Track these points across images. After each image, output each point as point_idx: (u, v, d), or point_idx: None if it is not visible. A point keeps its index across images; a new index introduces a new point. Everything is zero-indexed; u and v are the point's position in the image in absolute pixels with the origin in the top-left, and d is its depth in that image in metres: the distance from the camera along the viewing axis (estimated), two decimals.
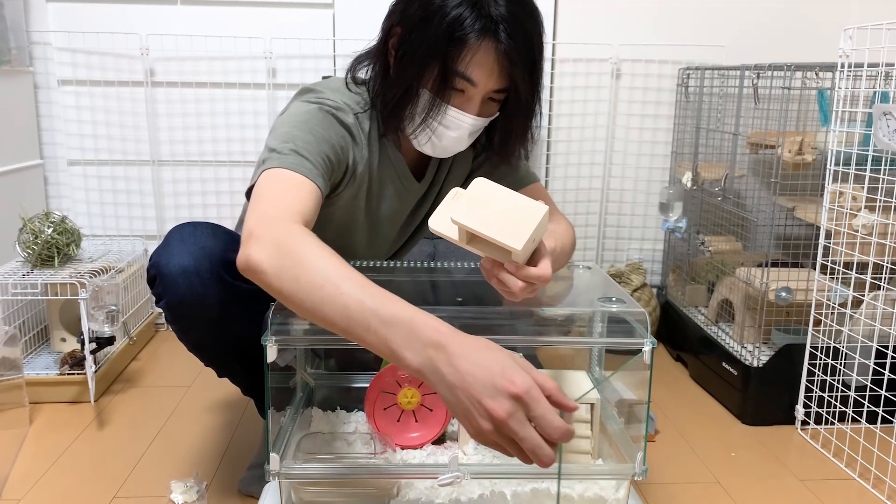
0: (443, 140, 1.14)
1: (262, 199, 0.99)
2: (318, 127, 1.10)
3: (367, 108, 1.19)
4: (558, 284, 1.27)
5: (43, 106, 2.21)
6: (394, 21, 1.11)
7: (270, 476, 1.00)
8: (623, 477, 1.07)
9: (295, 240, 0.90)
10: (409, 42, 1.08)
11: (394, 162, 1.23)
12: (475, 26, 1.03)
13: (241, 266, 0.92)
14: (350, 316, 0.82)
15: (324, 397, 1.32)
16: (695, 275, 2.18)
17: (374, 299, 0.82)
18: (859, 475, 1.50)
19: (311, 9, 2.19)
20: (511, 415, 0.74)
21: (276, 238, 0.90)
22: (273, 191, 1.00)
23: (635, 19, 2.25)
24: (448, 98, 1.09)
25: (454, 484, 1.02)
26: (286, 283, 0.87)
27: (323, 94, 1.15)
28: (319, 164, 1.06)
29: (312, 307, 0.85)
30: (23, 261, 1.88)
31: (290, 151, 1.04)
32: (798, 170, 1.76)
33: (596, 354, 1.30)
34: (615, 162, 2.35)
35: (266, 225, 0.93)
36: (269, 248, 0.89)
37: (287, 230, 0.92)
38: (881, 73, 1.58)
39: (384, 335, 0.80)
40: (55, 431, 1.63)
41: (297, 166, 1.03)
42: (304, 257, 0.88)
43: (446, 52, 1.04)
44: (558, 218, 1.32)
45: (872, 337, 1.54)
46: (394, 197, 1.26)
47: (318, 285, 0.85)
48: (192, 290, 1.11)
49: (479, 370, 0.75)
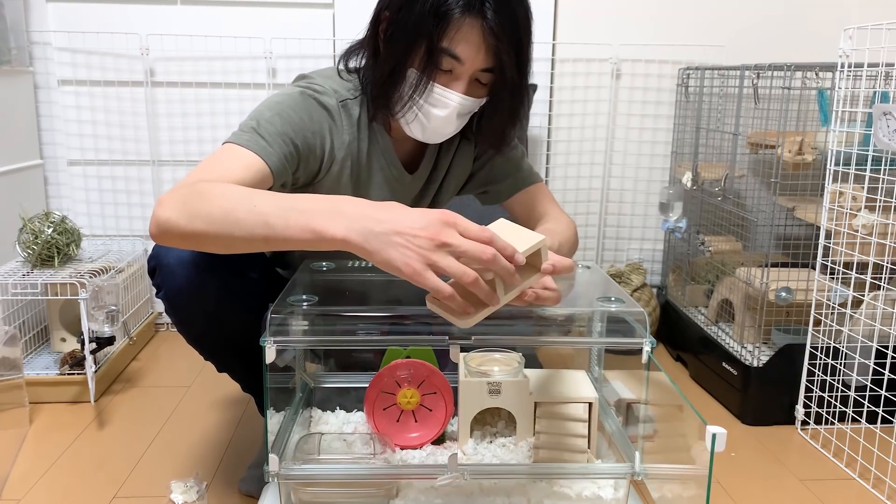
0: (431, 120, 1.13)
1: (195, 170, 1.00)
2: (289, 110, 1.10)
3: (357, 95, 1.19)
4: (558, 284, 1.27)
5: (43, 106, 2.21)
6: (382, 6, 1.13)
7: (269, 477, 1.00)
8: (622, 476, 1.07)
9: (199, 186, 0.92)
10: (395, 23, 1.09)
11: (383, 150, 1.22)
12: (459, 3, 1.03)
13: (153, 231, 0.93)
14: (268, 221, 0.85)
15: (323, 398, 1.32)
16: (695, 275, 2.18)
17: (286, 199, 0.87)
18: (859, 475, 1.50)
19: (311, 9, 2.19)
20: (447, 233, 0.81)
21: (180, 194, 0.92)
22: (209, 163, 1.01)
23: (635, 19, 2.25)
24: (435, 76, 1.09)
25: (453, 484, 1.02)
26: (201, 220, 0.89)
27: (313, 80, 1.17)
28: (277, 143, 1.06)
29: (231, 231, 0.87)
30: (23, 261, 1.88)
31: (249, 129, 1.05)
32: (798, 170, 1.76)
33: (595, 354, 1.30)
34: (615, 162, 2.35)
35: (174, 190, 0.94)
36: (175, 203, 0.91)
37: (193, 185, 0.93)
38: (881, 73, 1.58)
39: (306, 222, 0.84)
40: (55, 431, 1.63)
41: (247, 142, 1.03)
42: (210, 194, 0.90)
43: (432, 29, 1.05)
44: (559, 217, 1.32)
45: (872, 337, 1.54)
46: (383, 185, 1.25)
47: (231, 208, 0.88)
48: (190, 281, 1.13)
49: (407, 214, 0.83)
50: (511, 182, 1.34)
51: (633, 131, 2.33)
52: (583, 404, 1.14)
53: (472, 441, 1.17)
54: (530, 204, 1.34)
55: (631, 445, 1.08)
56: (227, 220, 0.87)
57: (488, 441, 1.17)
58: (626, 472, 1.06)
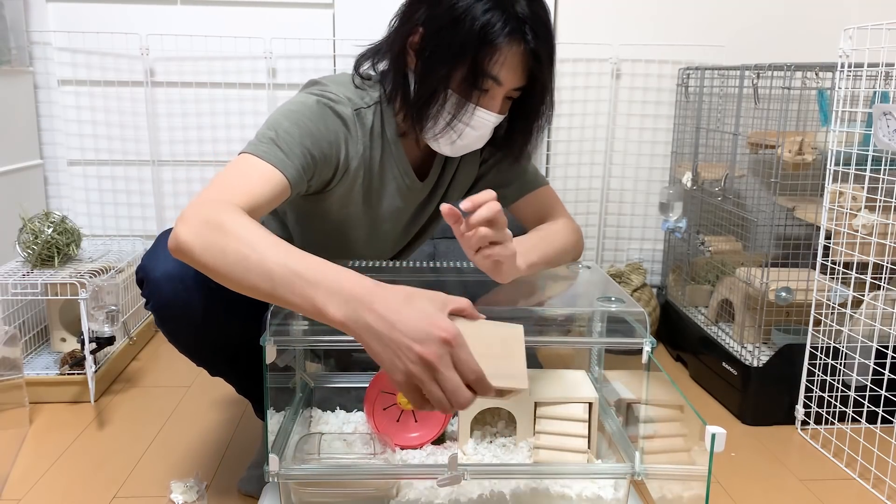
0: (465, 139, 1.14)
1: (214, 182, 0.99)
2: (306, 119, 1.09)
3: (371, 104, 1.18)
4: (557, 284, 1.27)
5: (43, 106, 2.21)
6: (415, 19, 1.10)
7: (270, 477, 1.00)
8: (622, 476, 1.07)
9: (223, 216, 0.91)
10: (436, 43, 1.07)
11: (396, 159, 1.22)
12: (505, 29, 1.04)
13: (171, 247, 0.92)
14: (274, 279, 0.85)
15: (323, 398, 1.32)
16: (695, 275, 2.18)
17: (298, 263, 0.85)
18: (859, 475, 1.50)
19: (311, 9, 2.19)
20: (440, 358, 0.78)
21: (204, 216, 0.91)
22: (229, 175, 1.01)
23: (635, 19, 2.25)
24: (474, 98, 1.09)
25: (454, 484, 1.02)
26: (213, 256, 0.89)
27: (326, 87, 1.15)
28: (295, 155, 1.05)
29: (238, 276, 0.87)
30: (23, 261, 1.88)
31: (268, 140, 1.05)
32: (798, 170, 1.76)
33: (595, 354, 1.30)
34: (615, 162, 2.35)
35: (199, 206, 0.93)
36: (196, 227, 0.90)
37: (217, 209, 0.92)
38: (881, 73, 1.58)
39: (309, 294, 0.83)
40: (55, 431, 1.63)
41: (266, 154, 1.03)
42: (231, 231, 0.89)
43: (477, 52, 1.05)
44: (563, 221, 1.32)
45: (872, 337, 1.54)
46: (395, 194, 1.25)
47: (244, 255, 0.87)
48: (177, 295, 1.13)
49: (408, 318, 0.79)
50: (517, 186, 1.33)
51: (633, 131, 2.33)
52: (583, 404, 1.14)
53: (473, 441, 1.17)
54: (536, 208, 1.34)
55: (631, 445, 1.09)
56: (237, 267, 0.87)
57: (488, 441, 1.17)
58: (626, 472, 1.06)
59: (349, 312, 0.81)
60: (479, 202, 0.97)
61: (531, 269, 1.17)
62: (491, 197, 0.98)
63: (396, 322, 0.78)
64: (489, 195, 0.98)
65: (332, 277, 0.83)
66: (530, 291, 1.20)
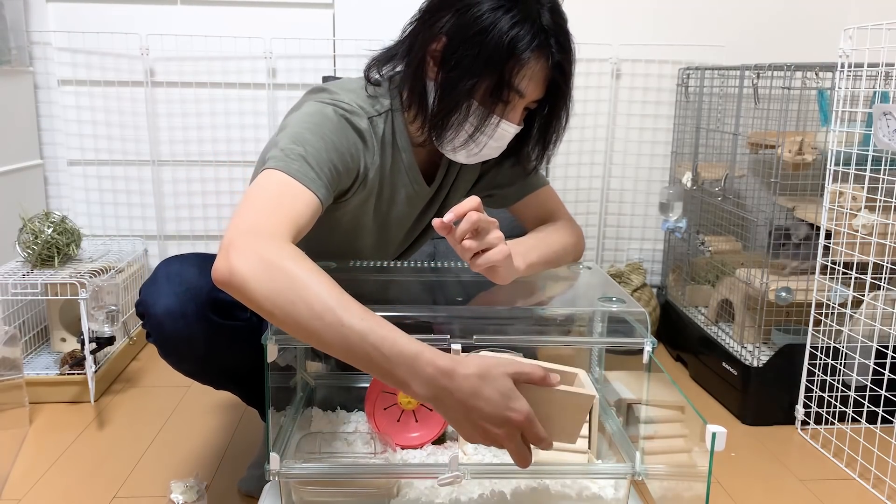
0: (483, 150, 1.13)
1: (253, 204, 0.95)
2: (330, 132, 1.06)
3: (382, 112, 1.16)
4: (558, 284, 1.27)
5: (43, 106, 2.21)
6: (437, 28, 1.07)
7: (270, 475, 1.00)
8: (623, 476, 1.07)
9: (286, 259, 0.87)
10: (461, 54, 1.05)
11: (407, 167, 1.20)
12: (534, 42, 1.03)
13: (221, 278, 0.87)
14: (351, 348, 0.84)
15: (324, 397, 1.32)
16: (695, 275, 2.18)
17: (374, 335, 0.84)
18: (859, 475, 1.50)
19: (311, 9, 2.19)
20: (513, 437, 0.86)
21: (261, 253, 0.87)
22: (268, 198, 0.96)
23: (635, 19, 2.25)
24: (498, 110, 1.08)
25: (454, 483, 1.02)
26: (280, 305, 0.85)
27: (338, 96, 1.11)
28: (325, 173, 1.03)
29: (309, 334, 0.85)
30: (23, 261, 1.88)
31: (298, 157, 1.00)
32: (798, 170, 1.76)
33: (596, 354, 1.30)
34: (615, 162, 2.36)
35: (252, 237, 0.89)
36: (254, 265, 0.86)
37: (277, 247, 0.89)
38: (881, 73, 1.58)
39: (388, 368, 0.84)
40: (55, 431, 1.63)
41: (300, 174, 0.99)
42: (300, 281, 0.86)
43: (504, 65, 1.04)
44: (564, 223, 1.32)
45: (872, 337, 1.54)
46: (404, 201, 1.24)
47: (318, 314, 0.84)
48: (178, 332, 1.12)
49: (485, 405, 0.84)
50: (519, 186, 1.32)
51: (633, 131, 2.33)
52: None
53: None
54: (537, 208, 1.34)
55: (631, 445, 1.08)
56: (309, 324, 0.84)
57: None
58: (626, 472, 1.06)
59: (432, 393, 0.85)
60: (461, 213, 0.97)
61: (530, 270, 1.17)
62: (471, 206, 0.98)
63: (473, 409, 0.84)
64: (470, 204, 0.98)
65: (410, 356, 0.84)
66: (530, 291, 1.20)
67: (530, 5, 1.04)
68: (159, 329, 1.13)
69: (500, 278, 1.07)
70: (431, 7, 1.10)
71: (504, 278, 1.07)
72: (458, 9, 1.05)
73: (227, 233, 0.90)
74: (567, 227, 1.29)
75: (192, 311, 1.11)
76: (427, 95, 1.11)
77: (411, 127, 1.18)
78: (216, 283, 0.88)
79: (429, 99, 1.11)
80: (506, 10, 1.03)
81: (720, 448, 0.82)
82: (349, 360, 0.85)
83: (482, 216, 0.99)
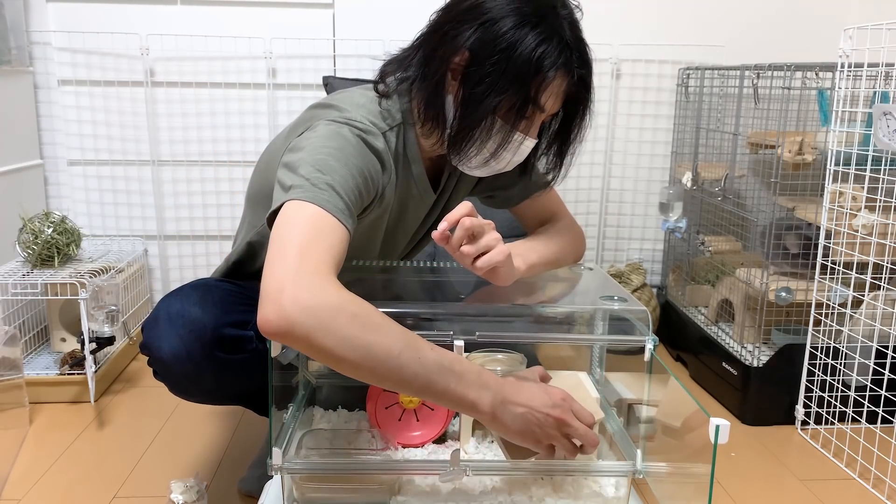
0: (500, 163, 1.12)
1: (293, 243, 0.89)
2: (352, 157, 1.02)
3: (395, 125, 1.13)
4: (559, 284, 1.27)
5: (43, 106, 2.21)
6: (458, 42, 1.04)
7: (273, 470, 1.00)
8: (623, 475, 1.07)
9: (349, 304, 0.86)
10: (487, 71, 1.03)
11: (417, 179, 1.19)
12: (560, 60, 1.03)
13: (275, 330, 0.83)
14: (430, 380, 0.89)
15: (326, 396, 1.32)
16: (695, 275, 2.18)
17: (446, 359, 0.90)
18: (859, 475, 1.50)
19: (311, 9, 2.19)
20: (568, 412, 0.97)
21: (324, 301, 0.84)
22: (306, 234, 0.90)
23: (635, 19, 2.25)
24: (521, 126, 1.07)
25: (456, 480, 1.02)
26: (355, 350, 0.84)
27: (349, 113, 1.07)
28: (352, 202, 0.99)
29: (389, 372, 0.87)
30: (23, 261, 1.88)
31: (327, 186, 0.95)
32: (798, 170, 1.76)
33: (597, 354, 1.30)
34: (615, 162, 2.36)
35: (304, 283, 0.84)
36: (319, 313, 0.83)
37: (335, 291, 0.86)
38: (881, 73, 1.58)
39: (462, 392, 0.91)
40: (55, 431, 1.63)
41: (330, 205, 0.94)
42: (370, 322, 0.86)
43: (530, 82, 1.03)
44: (566, 224, 1.32)
45: (872, 337, 1.54)
46: (415, 211, 1.24)
47: (397, 353, 0.86)
48: (187, 373, 1.11)
49: (534, 396, 0.96)
50: (521, 188, 1.32)
51: (633, 131, 2.33)
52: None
53: (474, 440, 1.17)
54: (539, 210, 1.33)
55: (632, 444, 1.09)
56: (389, 363, 0.86)
57: (490, 440, 1.17)
58: (627, 471, 1.06)
59: (496, 404, 0.93)
60: (454, 220, 0.98)
61: (531, 271, 1.17)
62: (463, 212, 0.98)
63: (528, 401, 0.95)
64: (462, 210, 0.98)
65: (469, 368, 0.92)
66: (531, 291, 1.20)
67: (553, 21, 1.03)
68: (167, 371, 1.13)
69: (501, 279, 1.07)
70: (450, 19, 1.07)
71: (505, 279, 1.07)
72: (481, 23, 1.03)
73: (271, 277, 0.85)
74: (568, 228, 1.29)
75: (198, 351, 1.09)
76: (446, 111, 1.09)
77: (423, 140, 1.16)
78: (267, 335, 0.85)
79: (447, 114, 1.09)
80: (532, 26, 1.01)
81: (723, 441, 0.83)
82: (426, 391, 0.89)
83: (475, 220, 0.99)
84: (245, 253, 1.27)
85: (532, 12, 1.02)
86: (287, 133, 1.14)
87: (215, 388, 1.17)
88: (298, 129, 1.09)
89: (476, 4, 1.04)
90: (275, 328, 0.83)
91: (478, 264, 1.01)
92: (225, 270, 1.30)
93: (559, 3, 1.05)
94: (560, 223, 1.31)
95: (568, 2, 1.08)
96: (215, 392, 1.19)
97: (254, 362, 1.15)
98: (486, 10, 1.03)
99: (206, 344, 1.10)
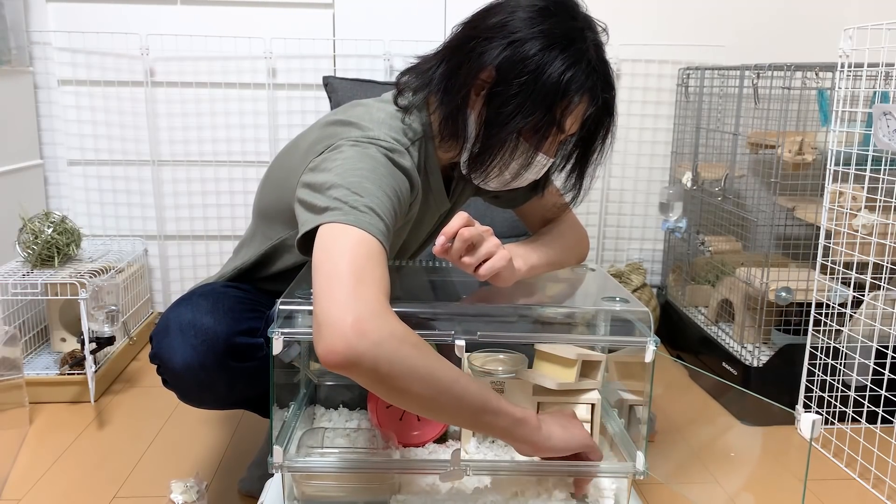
0: (518, 180, 1.12)
1: (346, 269, 0.87)
2: (386, 178, 1.00)
3: (416, 139, 1.12)
4: (561, 284, 1.27)
5: (43, 106, 2.21)
6: (484, 60, 1.03)
7: (274, 468, 1.00)
8: (624, 475, 1.07)
9: (410, 334, 0.87)
10: (514, 91, 1.03)
11: (434, 191, 1.19)
12: (587, 83, 1.03)
13: (343, 363, 0.82)
14: (485, 397, 0.93)
15: (327, 395, 1.32)
16: (695, 275, 2.18)
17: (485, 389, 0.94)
18: (859, 475, 1.50)
19: (311, 9, 2.19)
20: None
21: (389, 332, 0.84)
22: (359, 261, 0.88)
23: (635, 19, 2.25)
24: (544, 147, 1.08)
25: (456, 479, 1.02)
26: (420, 380, 0.86)
27: (372, 132, 1.05)
28: (390, 223, 0.98)
29: (448, 401, 0.89)
30: (23, 261, 1.88)
31: (367, 209, 0.93)
32: (798, 170, 1.77)
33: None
34: (615, 162, 2.36)
35: (366, 314, 0.83)
36: (385, 346, 0.83)
37: (395, 321, 0.86)
38: (881, 73, 1.58)
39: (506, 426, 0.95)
40: (55, 431, 1.63)
41: (375, 230, 0.93)
42: (430, 353, 0.88)
43: (557, 104, 1.03)
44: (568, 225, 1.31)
45: (872, 337, 1.54)
46: (430, 220, 1.24)
47: (451, 381, 0.89)
48: (199, 383, 1.11)
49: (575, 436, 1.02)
50: (525, 188, 1.32)
51: (633, 131, 2.33)
52: (585, 405, 1.14)
53: (475, 440, 1.17)
54: (542, 210, 1.33)
55: (633, 445, 1.09)
56: (451, 391, 0.89)
57: (490, 440, 1.17)
58: (627, 472, 1.06)
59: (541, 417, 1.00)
60: (451, 233, 0.98)
61: (532, 272, 1.17)
62: (460, 223, 0.98)
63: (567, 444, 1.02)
64: (459, 222, 0.99)
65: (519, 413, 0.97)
66: (533, 291, 1.20)
67: (580, 45, 1.03)
68: (178, 382, 1.13)
69: (503, 281, 1.07)
70: (477, 34, 1.05)
71: (506, 281, 1.07)
72: (510, 42, 1.02)
73: (331, 306, 0.84)
74: (571, 229, 1.29)
75: (211, 362, 1.09)
76: (468, 127, 1.08)
77: (442, 153, 1.16)
78: (331, 367, 0.83)
79: (469, 131, 1.08)
80: (560, 49, 1.01)
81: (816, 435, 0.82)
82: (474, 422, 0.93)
83: (473, 230, 0.99)
84: (258, 261, 1.26)
85: (562, 35, 1.02)
86: (305, 151, 1.10)
87: (226, 396, 1.17)
88: (317, 148, 1.06)
89: (504, 22, 1.03)
90: (341, 360, 0.82)
91: (480, 272, 1.02)
92: (231, 276, 1.28)
93: (587, 27, 1.05)
94: (563, 223, 1.31)
95: (595, 25, 1.07)
96: (226, 399, 1.19)
97: (263, 369, 1.15)
98: (516, 30, 1.02)
99: (219, 354, 1.09)
